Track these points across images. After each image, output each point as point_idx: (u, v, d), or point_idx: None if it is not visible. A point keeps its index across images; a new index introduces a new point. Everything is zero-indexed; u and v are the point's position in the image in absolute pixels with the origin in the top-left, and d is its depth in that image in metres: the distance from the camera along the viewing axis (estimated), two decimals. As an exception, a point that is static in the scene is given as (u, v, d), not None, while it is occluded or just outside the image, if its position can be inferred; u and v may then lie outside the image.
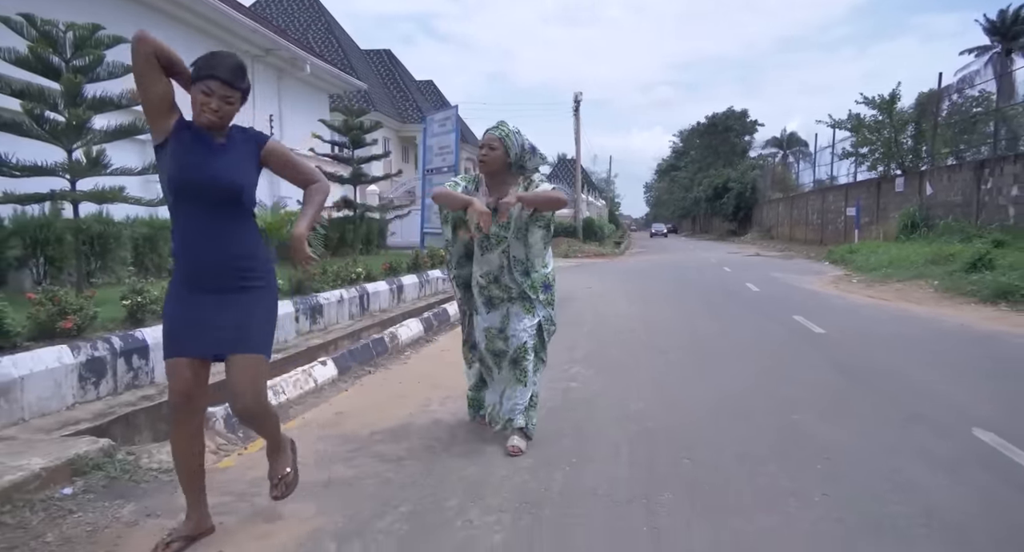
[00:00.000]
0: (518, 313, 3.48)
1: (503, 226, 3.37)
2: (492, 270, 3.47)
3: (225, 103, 2.20)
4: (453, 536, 2.45)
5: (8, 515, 2.43)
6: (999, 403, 4.22)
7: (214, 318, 2.22)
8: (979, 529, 2.50)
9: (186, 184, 2.21)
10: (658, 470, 3.11)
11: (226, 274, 2.25)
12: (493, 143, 3.34)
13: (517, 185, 3.40)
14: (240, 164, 2.27)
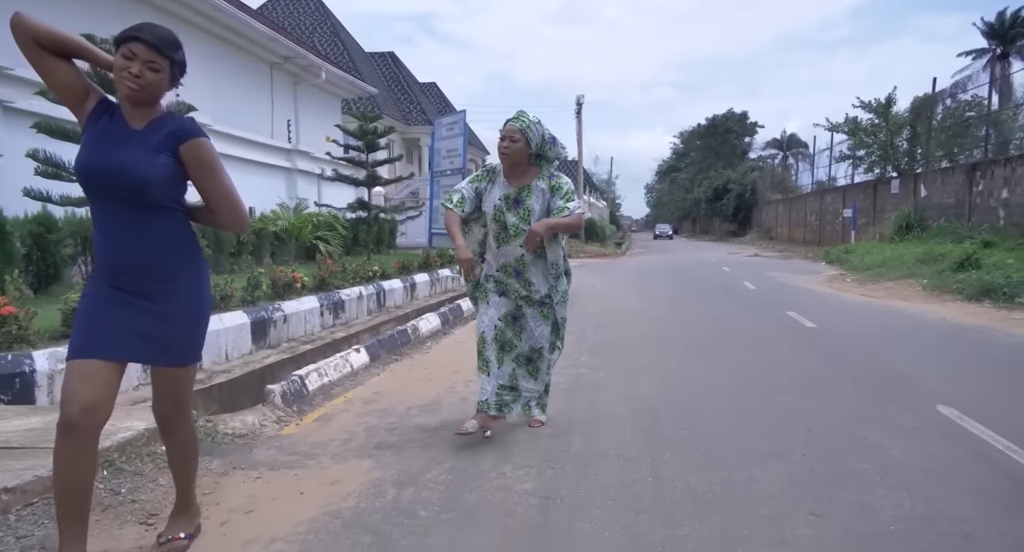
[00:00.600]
0: (535, 317, 3.51)
1: (523, 218, 3.36)
2: (510, 263, 3.45)
3: (148, 68, 1.92)
4: (491, 483, 2.96)
5: (126, 464, 2.94)
6: (964, 384, 4.73)
7: (138, 322, 1.99)
8: (925, 479, 3.00)
9: (88, 174, 1.96)
10: (660, 437, 3.62)
11: (146, 276, 2.01)
12: (515, 135, 3.31)
13: (539, 176, 3.42)
14: (148, 155, 1.96)
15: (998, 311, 8.55)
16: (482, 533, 2.47)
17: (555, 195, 3.40)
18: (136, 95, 1.95)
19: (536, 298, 3.50)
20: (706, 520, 2.58)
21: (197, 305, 2.14)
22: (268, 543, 2.39)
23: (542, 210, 3.40)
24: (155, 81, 1.96)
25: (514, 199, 3.36)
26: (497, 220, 3.40)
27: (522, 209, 3.37)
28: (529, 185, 3.38)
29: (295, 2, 29.58)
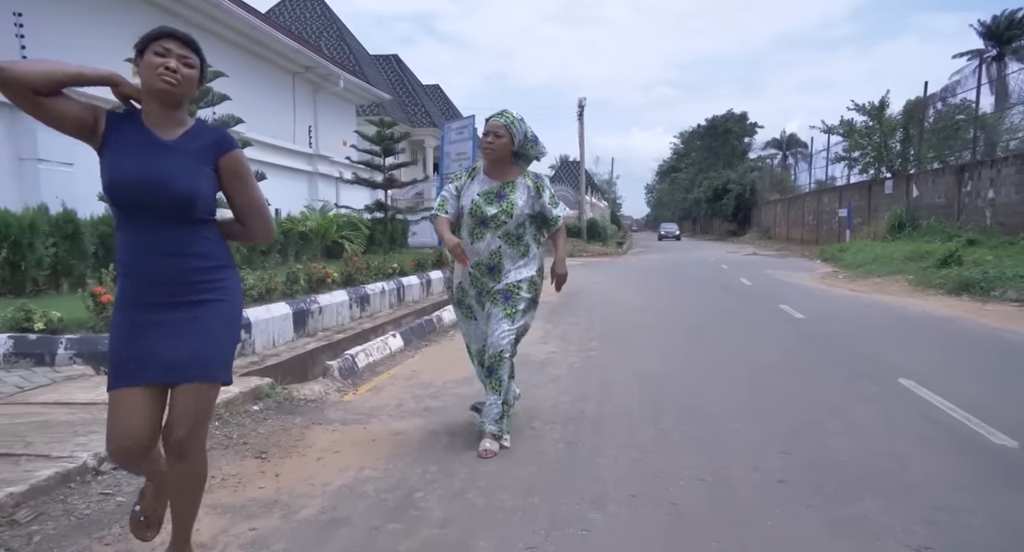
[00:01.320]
0: (497, 315, 3.34)
1: (505, 210, 3.30)
2: (484, 260, 3.36)
3: (184, 64, 1.86)
4: (525, 434, 3.65)
5: (229, 418, 3.64)
6: (926, 362, 5.43)
7: (170, 337, 1.91)
8: (878, 430, 3.70)
9: (123, 190, 1.84)
10: (661, 404, 4.31)
11: (180, 287, 1.92)
12: (499, 131, 3.28)
13: (523, 174, 3.40)
14: (192, 168, 1.89)
15: (973, 304, 9.24)
16: (522, 466, 3.16)
17: (541, 195, 3.38)
18: (172, 92, 1.85)
19: (501, 287, 3.36)
20: (697, 457, 3.27)
21: (230, 316, 2.04)
22: (359, 470, 3.08)
23: (526, 206, 3.36)
24: (190, 77, 1.89)
25: (496, 193, 3.32)
26: (474, 214, 3.31)
27: (505, 202, 3.31)
28: (513, 181, 3.35)
29: (303, 7, 30.23)
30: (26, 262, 5.81)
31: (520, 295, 3.36)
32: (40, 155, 6.47)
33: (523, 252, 3.40)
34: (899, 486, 2.91)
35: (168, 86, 1.83)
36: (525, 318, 3.42)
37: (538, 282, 3.45)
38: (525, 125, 3.34)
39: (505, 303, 3.33)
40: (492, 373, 3.36)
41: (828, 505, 2.70)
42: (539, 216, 3.43)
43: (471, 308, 3.48)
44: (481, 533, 2.45)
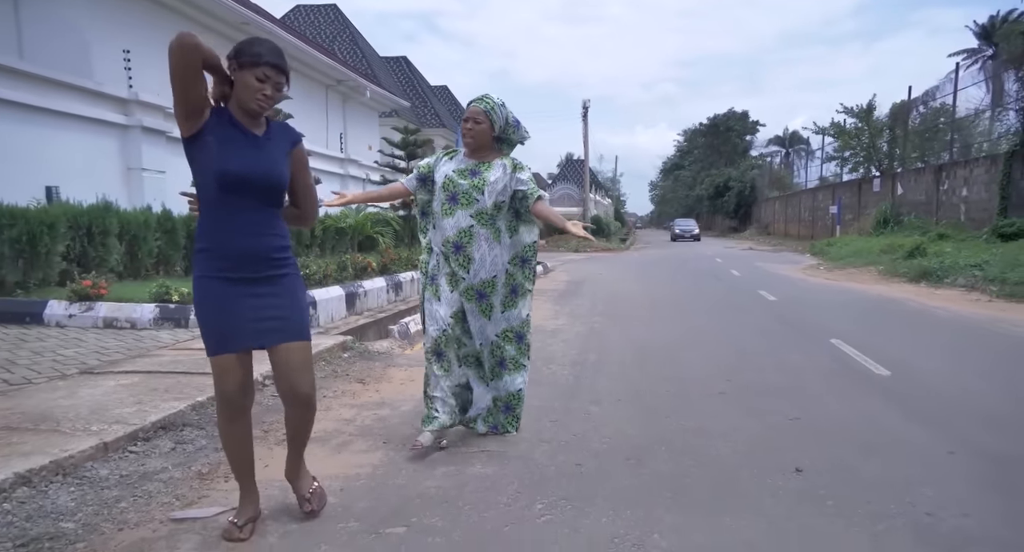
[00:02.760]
0: (473, 312, 3.25)
1: (476, 186, 3.17)
2: (451, 237, 3.18)
3: (277, 89, 2.19)
4: (543, 372, 5.02)
5: (326, 363, 5.08)
6: (857, 328, 6.82)
7: (256, 309, 2.22)
8: (804, 372, 5.08)
9: (234, 177, 2.15)
10: (645, 356, 5.71)
11: (263, 263, 2.23)
12: (478, 117, 3.18)
13: (503, 156, 3.29)
14: (281, 159, 2.26)
15: (927, 289, 10.61)
16: (542, 388, 4.55)
17: (517, 173, 3.24)
18: (263, 112, 2.21)
19: (475, 283, 3.21)
20: (667, 383, 4.68)
21: (301, 287, 2.39)
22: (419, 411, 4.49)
23: (499, 182, 3.19)
24: (279, 99, 2.23)
25: (470, 170, 3.22)
26: (447, 189, 3.21)
27: (477, 178, 3.19)
28: (490, 161, 3.24)
29: (316, 12, 31.57)
30: (140, 252, 7.26)
31: (495, 291, 3.24)
32: (143, 165, 7.89)
33: (496, 236, 3.20)
34: (797, 394, 4.32)
35: (261, 110, 2.19)
36: (509, 311, 3.29)
37: (513, 271, 3.28)
38: (506, 110, 3.24)
39: (480, 300, 3.23)
40: (479, 366, 3.36)
41: (748, 403, 4.11)
42: (516, 199, 3.25)
43: (438, 287, 3.26)
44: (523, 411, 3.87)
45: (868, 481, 2.86)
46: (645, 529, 2.42)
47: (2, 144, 6.45)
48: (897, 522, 2.47)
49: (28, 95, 6.81)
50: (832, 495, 2.71)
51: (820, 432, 3.56)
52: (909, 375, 4.82)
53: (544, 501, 2.67)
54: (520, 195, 3.25)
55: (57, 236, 6.17)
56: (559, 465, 3.08)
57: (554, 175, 57.76)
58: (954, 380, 4.71)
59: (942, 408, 4.00)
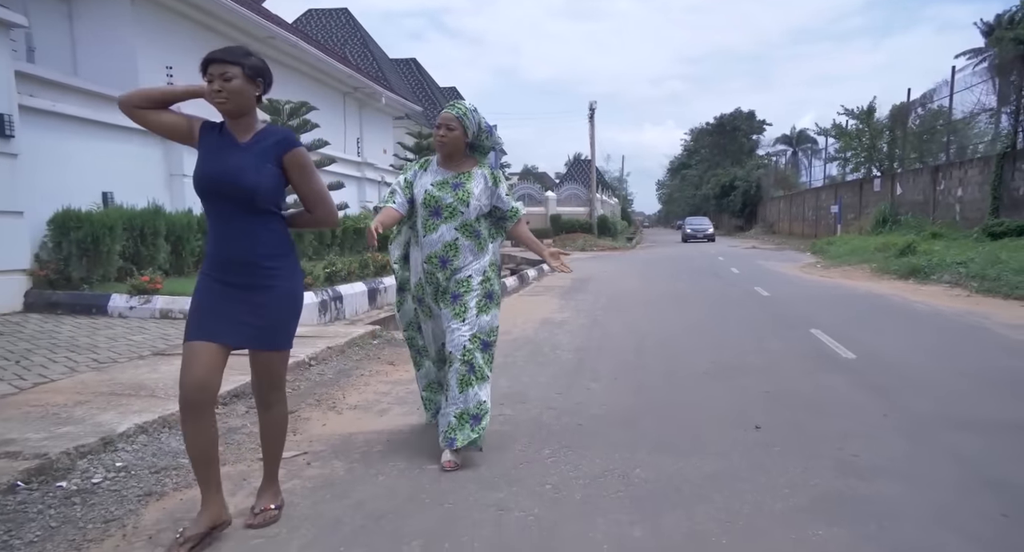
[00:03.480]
0: (448, 317, 3.17)
1: (460, 199, 3.12)
2: (437, 252, 3.14)
3: (223, 80, 2.19)
4: (550, 355, 5.71)
5: (359, 348, 5.78)
6: (837, 320, 7.45)
7: (240, 313, 2.27)
8: (782, 355, 5.74)
9: (202, 182, 2.23)
10: (642, 342, 6.38)
11: (249, 272, 2.27)
12: (451, 123, 3.13)
13: (479, 165, 3.24)
14: (256, 164, 2.23)
15: (913, 285, 11.22)
16: (550, 368, 5.22)
17: (498, 186, 3.25)
18: (227, 107, 2.22)
19: (450, 285, 3.16)
20: (660, 364, 5.35)
21: (290, 298, 2.38)
22: (454, 369, 5.19)
23: (483, 195, 3.19)
24: (234, 88, 2.19)
25: (451, 183, 3.16)
26: (428, 205, 3.15)
27: (461, 191, 3.15)
28: (468, 171, 3.21)
29: (328, 16, 32.30)
30: (184, 251, 8.00)
31: (471, 291, 3.13)
32: (184, 172, 8.63)
33: (480, 246, 3.20)
34: (770, 373, 4.99)
35: (220, 105, 2.21)
36: (482, 316, 3.16)
37: (491, 275, 3.25)
38: (478, 115, 3.21)
39: (454, 303, 3.13)
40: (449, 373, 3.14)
41: (727, 381, 4.78)
42: (494, 211, 3.28)
43: (430, 307, 3.26)
44: (533, 386, 4.56)
45: (812, 434, 3.54)
46: (630, 466, 3.10)
47: (64, 154, 7.18)
48: (826, 460, 3.14)
49: (83, 109, 7.55)
50: (780, 443, 3.39)
51: (782, 401, 4.23)
52: (871, 358, 5.48)
53: (550, 448, 3.37)
54: (499, 214, 3.29)
55: (116, 237, 6.90)
56: (563, 424, 3.77)
57: (561, 175, 58.36)
58: (909, 361, 5.37)
59: (891, 383, 4.66)
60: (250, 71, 2.22)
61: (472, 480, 2.97)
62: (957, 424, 3.69)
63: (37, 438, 3.07)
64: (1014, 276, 9.43)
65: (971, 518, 2.55)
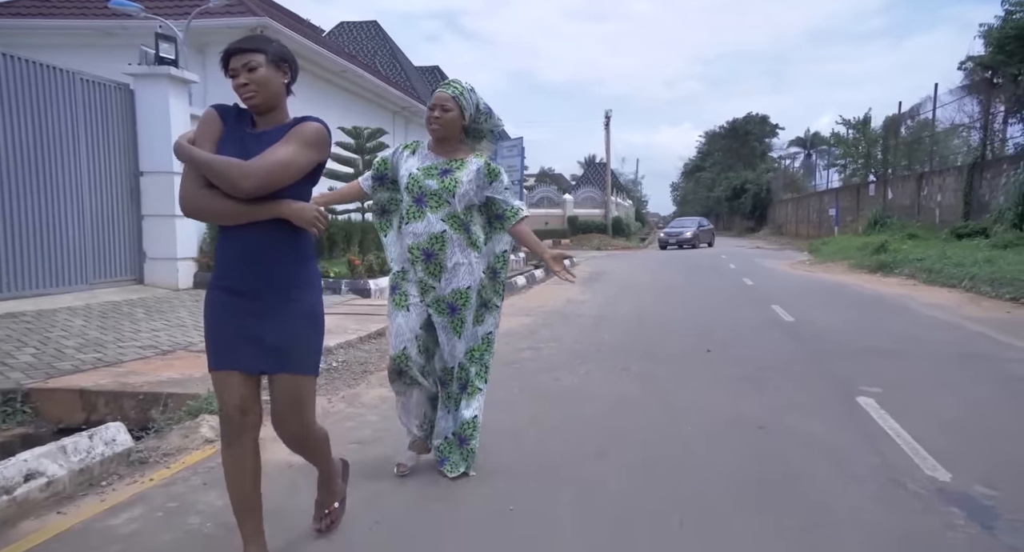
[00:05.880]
0: (445, 327, 2.89)
1: (447, 187, 2.81)
2: (421, 243, 2.83)
3: (247, 70, 1.97)
4: (574, 322, 7.95)
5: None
6: (797, 301, 9.62)
7: (255, 329, 2.01)
8: (750, 327, 7.94)
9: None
10: (643, 318, 8.59)
11: (264, 279, 2.02)
12: (446, 103, 2.81)
13: (475, 154, 2.95)
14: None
15: (876, 277, 13.31)
16: (574, 329, 7.45)
17: (495, 181, 2.93)
18: (256, 101, 2.01)
19: (446, 294, 2.87)
20: (655, 338, 7.57)
21: (311, 310, 2.10)
22: (507, 329, 7.44)
23: (472, 185, 2.87)
24: (261, 78, 1.98)
25: (440, 169, 2.86)
26: (411, 190, 2.85)
27: (449, 179, 2.83)
28: (462, 159, 2.90)
29: (359, 29, 34.67)
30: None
31: (468, 306, 2.90)
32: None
33: (471, 242, 2.90)
34: (729, 330, 7.19)
35: (249, 100, 2.00)
36: (478, 328, 2.98)
37: (488, 284, 3.00)
38: (476, 96, 2.92)
39: (452, 315, 2.89)
40: (444, 386, 3.04)
41: (698, 335, 6.99)
42: (490, 207, 2.98)
43: (406, 295, 2.93)
44: (566, 335, 6.81)
45: (743, 357, 5.77)
46: (628, 365, 5.35)
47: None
48: (749, 369, 5.34)
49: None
50: (723, 359, 5.63)
51: (731, 342, 6.45)
52: (805, 321, 7.68)
53: (581, 359, 5.64)
54: (496, 211, 2.97)
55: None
56: (587, 350, 6.04)
57: (577, 177, 60.51)
58: (830, 323, 7.54)
59: (807, 334, 6.86)
60: (274, 56, 2.02)
61: (540, 369, 5.22)
62: (839, 355, 5.88)
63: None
64: (953, 269, 11.51)
65: (827, 395, 4.78)
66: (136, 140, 8.39)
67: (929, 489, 2.90)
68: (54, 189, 7.34)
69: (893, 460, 3.25)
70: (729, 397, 4.43)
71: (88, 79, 7.81)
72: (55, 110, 7.37)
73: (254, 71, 1.98)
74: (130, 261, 8.47)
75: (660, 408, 4.22)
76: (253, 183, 1.89)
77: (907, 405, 4.16)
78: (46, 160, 7.26)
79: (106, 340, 5.52)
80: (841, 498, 2.81)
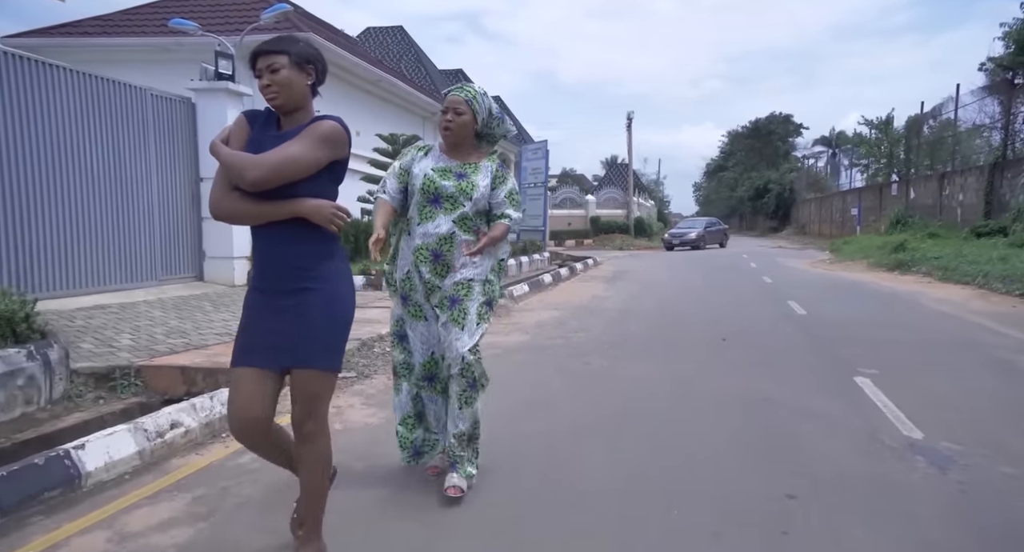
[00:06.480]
0: (446, 324, 2.82)
1: (463, 190, 2.80)
2: (431, 243, 2.79)
3: (270, 72, 2.02)
4: (600, 315, 8.55)
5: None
6: (812, 296, 10.10)
7: (274, 325, 2.06)
8: (762, 317, 8.46)
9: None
10: (664, 309, 9.16)
11: (286, 274, 2.07)
12: (459, 107, 2.81)
13: (488, 158, 2.93)
14: None
15: (893, 275, 13.68)
16: (600, 320, 8.05)
17: (499, 188, 2.90)
18: (278, 102, 2.05)
19: (448, 288, 2.82)
20: (674, 321, 8.15)
21: (332, 304, 2.11)
22: (538, 321, 8.07)
23: (485, 190, 2.86)
24: (282, 80, 2.02)
25: (456, 172, 2.85)
26: (426, 190, 2.81)
27: (465, 182, 2.83)
28: (476, 163, 2.89)
29: (385, 34, 35.52)
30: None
31: (471, 296, 2.83)
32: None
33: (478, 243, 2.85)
34: (746, 321, 7.73)
35: (272, 100, 2.05)
36: (481, 324, 2.86)
37: (493, 280, 2.96)
38: (488, 99, 2.91)
39: (452, 307, 2.81)
40: (445, 391, 2.95)
41: (714, 326, 7.54)
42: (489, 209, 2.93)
43: (420, 306, 2.90)
44: (593, 326, 7.42)
45: (755, 344, 6.33)
46: (650, 351, 5.95)
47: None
48: (760, 354, 5.91)
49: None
50: (737, 346, 6.20)
51: (746, 332, 7.00)
52: (817, 315, 8.19)
53: (610, 345, 6.24)
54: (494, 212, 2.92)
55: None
56: (614, 339, 6.64)
57: (599, 178, 60.92)
58: (841, 316, 8.05)
59: (818, 325, 7.38)
60: (298, 58, 2.05)
61: (571, 354, 5.84)
62: (844, 343, 6.40)
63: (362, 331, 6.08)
64: (967, 267, 11.87)
65: (828, 375, 5.34)
66: (197, 149, 9.19)
67: (902, 444, 3.47)
68: (129, 195, 8.15)
69: (876, 424, 3.82)
70: (739, 377, 5.00)
71: (157, 94, 8.62)
72: (129, 123, 8.18)
73: (277, 72, 2.03)
74: (192, 260, 9.27)
75: (677, 384, 4.81)
76: (258, 173, 1.94)
77: (898, 383, 4.70)
78: (122, 169, 8.07)
79: (186, 328, 6.26)
80: (826, 450, 3.39)
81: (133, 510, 2.67)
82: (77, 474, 2.81)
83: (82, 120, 7.55)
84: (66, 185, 7.33)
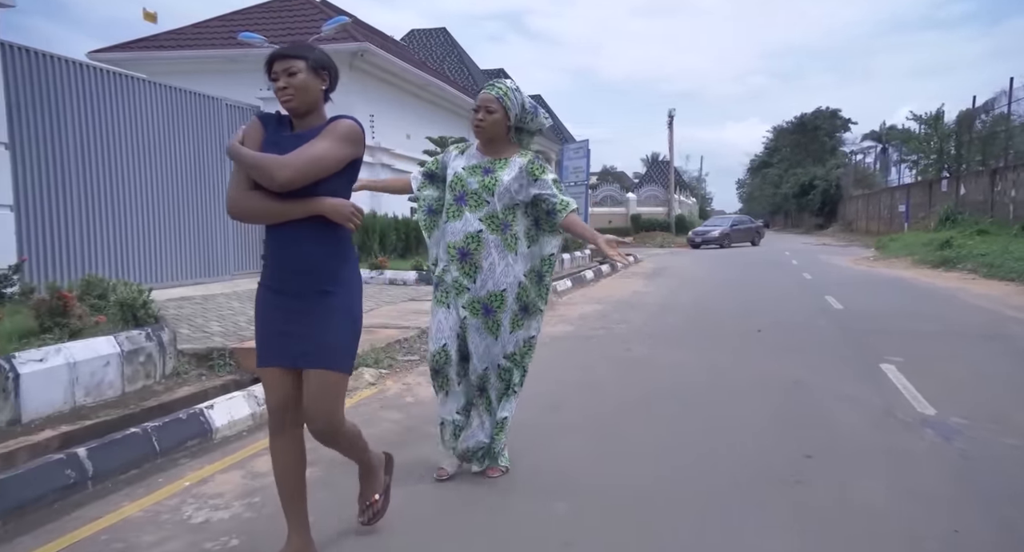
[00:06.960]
0: (479, 329, 2.87)
1: (486, 187, 2.82)
2: (458, 241, 2.84)
3: (287, 75, 2.07)
4: (640, 310, 8.98)
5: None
6: (851, 292, 10.30)
7: (294, 325, 2.11)
8: (797, 312, 8.76)
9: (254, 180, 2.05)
10: (700, 304, 9.51)
11: (303, 277, 2.11)
12: (491, 105, 2.83)
13: (520, 153, 2.91)
14: None
15: (938, 272, 13.68)
16: (640, 314, 8.47)
17: (539, 179, 2.87)
18: (292, 104, 2.10)
19: (481, 295, 2.84)
20: (710, 315, 8.52)
21: (345, 310, 2.17)
22: (581, 314, 8.54)
23: (514, 184, 2.84)
24: (299, 83, 2.07)
25: (483, 168, 2.87)
26: (454, 189, 2.89)
27: (489, 177, 2.84)
28: (506, 159, 2.89)
29: (428, 36, 36.27)
30: (386, 242, 11.77)
31: (503, 309, 2.85)
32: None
33: (510, 245, 2.84)
34: (782, 314, 8.06)
35: (287, 103, 2.10)
36: (517, 332, 2.92)
37: (528, 286, 2.92)
38: (521, 95, 2.90)
39: (486, 315, 2.85)
40: (481, 392, 2.98)
41: (750, 319, 7.90)
42: (540, 204, 2.90)
43: (447, 293, 2.94)
44: (635, 318, 7.86)
45: (789, 335, 6.69)
46: (688, 341, 6.37)
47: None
48: (793, 343, 6.27)
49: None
50: (771, 337, 6.57)
51: (781, 325, 7.35)
52: (853, 309, 8.45)
53: (649, 332, 6.69)
54: (547, 208, 2.89)
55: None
56: (651, 331, 7.08)
57: (640, 175, 60.81)
58: (876, 310, 8.29)
59: (851, 319, 7.67)
60: (315, 63, 2.12)
61: (614, 343, 6.31)
62: (874, 334, 6.71)
63: (406, 324, 6.68)
64: (1013, 263, 11.85)
65: (856, 362, 5.69)
66: (265, 154, 9.96)
67: (915, 419, 3.85)
68: (206, 197, 8.94)
69: (894, 403, 4.20)
70: (772, 363, 5.40)
71: (231, 103, 9.40)
72: (207, 131, 8.97)
73: (294, 76, 2.07)
74: (257, 256, 10.05)
75: (713, 370, 5.24)
76: (287, 174, 1.97)
77: (921, 369, 5.04)
78: (202, 173, 8.87)
79: (264, 317, 6.97)
80: (845, 424, 3.80)
81: (257, 457, 3.28)
82: (209, 428, 3.44)
83: (167, 128, 8.36)
84: (154, 188, 8.14)
